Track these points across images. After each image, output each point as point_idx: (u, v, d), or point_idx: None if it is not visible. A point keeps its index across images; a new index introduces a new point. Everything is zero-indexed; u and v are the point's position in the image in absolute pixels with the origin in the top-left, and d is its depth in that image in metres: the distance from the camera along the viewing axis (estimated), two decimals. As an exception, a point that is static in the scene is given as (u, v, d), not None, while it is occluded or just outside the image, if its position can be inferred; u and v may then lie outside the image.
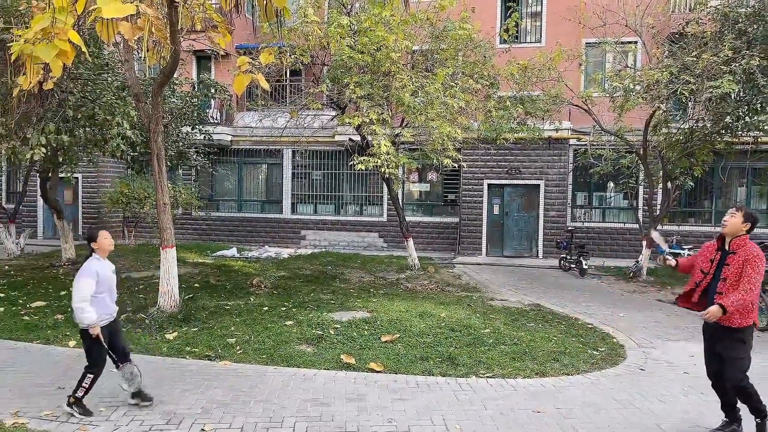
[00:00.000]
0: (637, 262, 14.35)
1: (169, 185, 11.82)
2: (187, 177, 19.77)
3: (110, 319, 5.17)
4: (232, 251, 17.21)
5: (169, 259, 8.73)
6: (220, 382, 6.04)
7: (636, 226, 16.10)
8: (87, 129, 10.31)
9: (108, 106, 10.20)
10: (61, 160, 12.20)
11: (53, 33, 4.87)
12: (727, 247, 4.64)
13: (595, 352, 7.47)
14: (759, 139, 13.02)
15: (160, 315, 8.45)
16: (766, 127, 12.22)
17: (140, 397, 5.28)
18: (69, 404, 5.04)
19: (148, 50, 7.47)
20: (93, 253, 5.12)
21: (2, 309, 9.13)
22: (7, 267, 13.30)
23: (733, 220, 4.59)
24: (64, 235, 13.65)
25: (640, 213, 16.29)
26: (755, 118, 11.87)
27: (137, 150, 11.82)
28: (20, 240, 15.88)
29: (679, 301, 5.02)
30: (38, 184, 14.58)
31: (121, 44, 9.58)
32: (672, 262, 5.03)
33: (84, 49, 5.13)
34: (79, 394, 5.02)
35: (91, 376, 5.04)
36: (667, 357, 7.41)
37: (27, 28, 6.21)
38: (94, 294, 4.96)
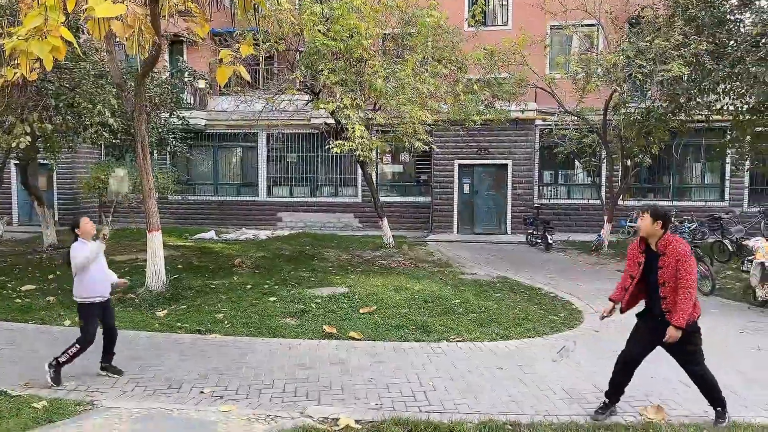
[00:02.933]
0: (599, 235, 15.20)
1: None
2: (163, 161, 19.94)
3: (102, 299, 5.65)
4: (211, 234, 17.59)
5: (155, 241, 9.15)
6: (212, 352, 6.58)
7: (599, 201, 16.97)
8: (68, 117, 10.58)
9: (88, 95, 10.47)
10: (41, 147, 12.41)
11: (46, 30, 5.26)
12: (655, 249, 4.55)
13: (555, 318, 8.20)
14: (710, 118, 13.84)
15: (149, 294, 8.90)
16: (715, 107, 13.03)
17: (110, 369, 5.79)
18: (50, 365, 5.48)
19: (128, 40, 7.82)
20: (78, 238, 5.63)
21: (-7, 293, 9.45)
22: (-12, 254, 13.51)
23: (644, 223, 4.52)
24: (45, 221, 13.88)
25: (603, 189, 17.15)
26: (704, 98, 12.67)
27: (118, 137, 12.10)
28: (0, 227, 16.02)
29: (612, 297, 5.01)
30: (16, 172, 14.69)
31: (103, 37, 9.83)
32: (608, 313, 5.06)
33: (75, 45, 5.51)
34: (62, 359, 5.49)
35: (78, 346, 5.51)
36: (619, 320, 8.14)
37: (15, 24, 6.55)
38: (89, 273, 5.51)
